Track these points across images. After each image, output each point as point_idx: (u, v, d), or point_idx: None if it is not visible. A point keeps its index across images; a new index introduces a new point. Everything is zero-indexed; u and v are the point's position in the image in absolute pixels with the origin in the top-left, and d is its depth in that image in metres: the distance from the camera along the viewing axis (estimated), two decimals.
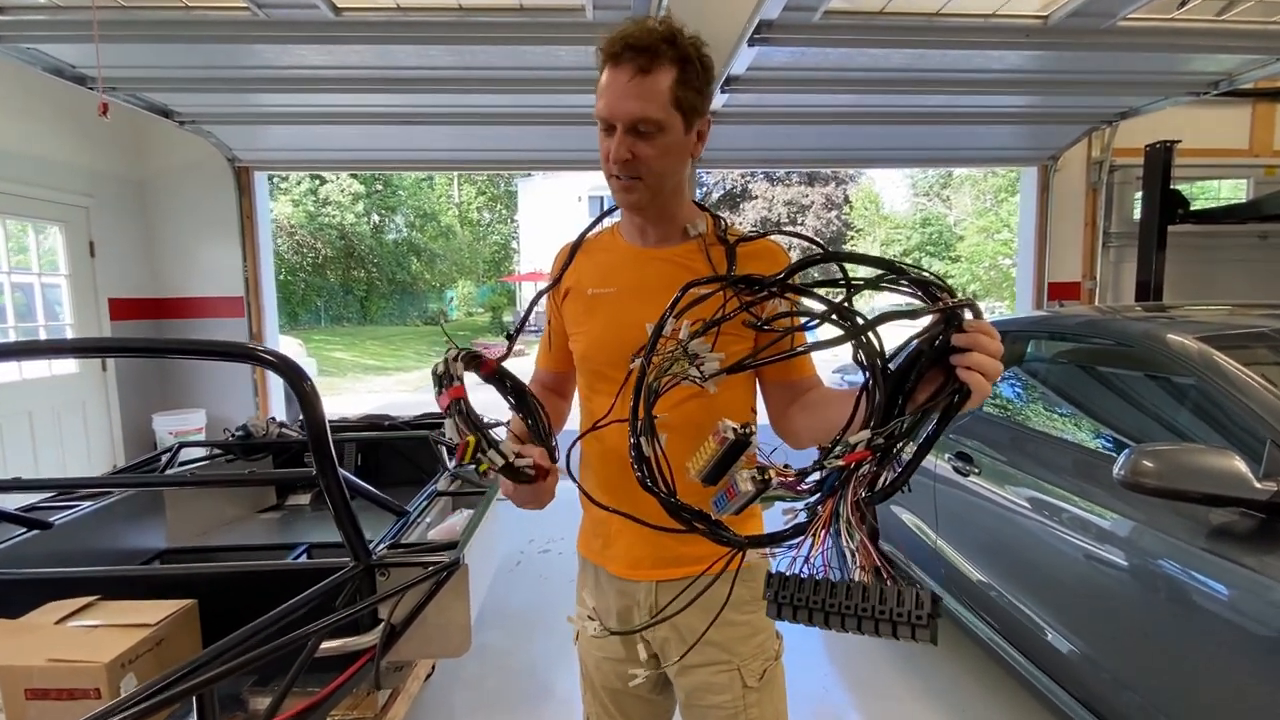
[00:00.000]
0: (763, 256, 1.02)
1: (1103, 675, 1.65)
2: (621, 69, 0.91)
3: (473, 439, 0.78)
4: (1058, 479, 1.87)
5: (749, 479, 0.64)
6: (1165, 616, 1.50)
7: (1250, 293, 5.09)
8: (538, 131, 4.35)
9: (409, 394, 11.82)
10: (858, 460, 0.64)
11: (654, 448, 0.70)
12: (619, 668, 1.11)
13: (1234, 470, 1.34)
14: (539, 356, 1.22)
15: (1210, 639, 1.37)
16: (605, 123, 0.94)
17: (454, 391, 0.80)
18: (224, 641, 1.24)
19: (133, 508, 2.29)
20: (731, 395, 1.02)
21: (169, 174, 4.65)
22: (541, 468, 0.88)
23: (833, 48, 2.99)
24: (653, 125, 0.92)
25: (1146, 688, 1.53)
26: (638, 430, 0.70)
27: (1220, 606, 1.36)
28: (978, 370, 0.64)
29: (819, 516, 0.66)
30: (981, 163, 5.91)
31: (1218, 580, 1.36)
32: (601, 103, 0.93)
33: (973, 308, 0.65)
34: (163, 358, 4.59)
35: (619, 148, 0.93)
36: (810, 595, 0.63)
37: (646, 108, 0.91)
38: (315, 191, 20.55)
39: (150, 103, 3.76)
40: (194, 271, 4.77)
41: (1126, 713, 1.58)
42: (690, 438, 0.83)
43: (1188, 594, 1.43)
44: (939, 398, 0.66)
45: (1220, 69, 3.47)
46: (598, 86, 0.96)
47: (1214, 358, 1.65)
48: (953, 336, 0.65)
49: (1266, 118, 5.06)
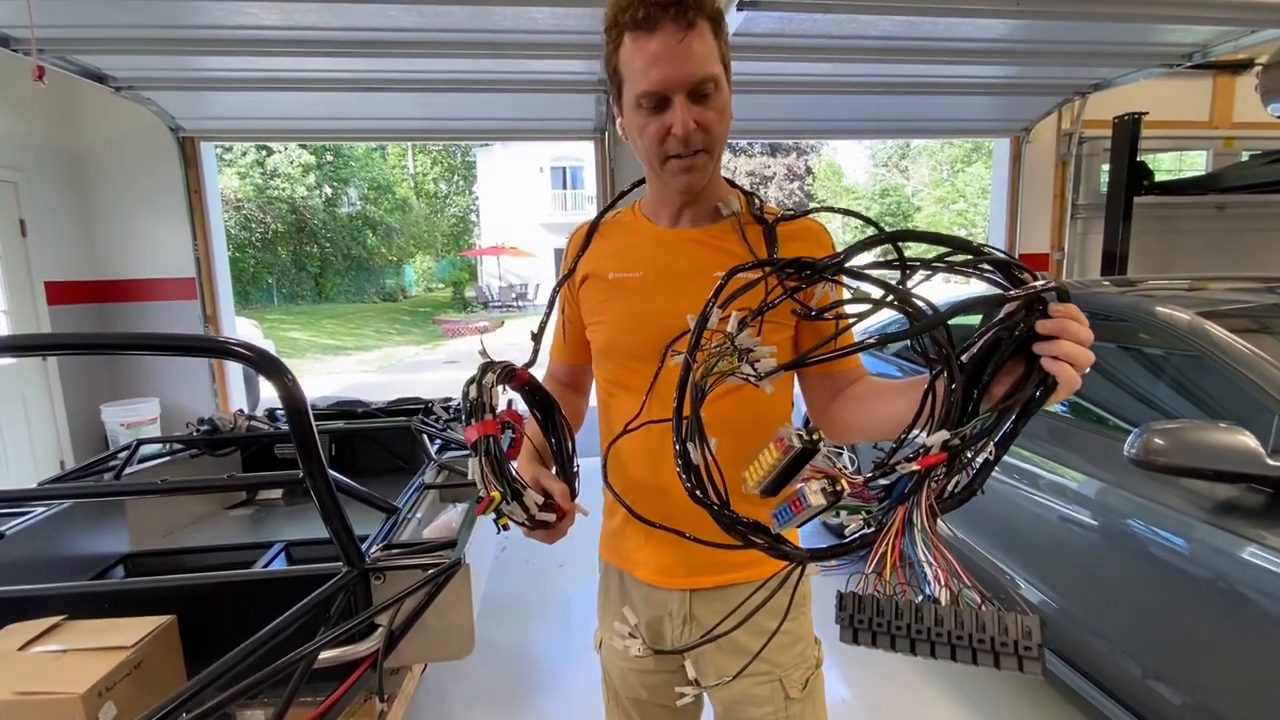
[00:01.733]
0: (805, 237, 0.93)
1: (1110, 648, 1.68)
2: (663, 31, 0.80)
3: (497, 495, 0.71)
4: (1071, 457, 1.89)
5: (819, 491, 0.56)
6: (1152, 583, 1.53)
7: (1209, 263, 5.27)
8: (505, 100, 4.15)
9: (373, 374, 11.49)
10: (932, 464, 0.57)
11: (704, 453, 0.62)
12: (647, 679, 1.04)
13: (1246, 447, 1.34)
14: (553, 348, 1.11)
15: (1211, 610, 1.39)
16: (657, 97, 0.83)
17: (485, 426, 0.72)
18: (215, 667, 1.14)
19: (91, 511, 2.12)
20: (773, 390, 0.95)
21: (107, 145, 4.29)
22: (560, 509, 0.81)
23: (821, 13, 2.89)
24: (713, 84, 0.83)
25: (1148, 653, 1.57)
26: (684, 434, 0.62)
27: (1216, 575, 1.38)
28: (1067, 360, 0.57)
29: (889, 526, 0.59)
30: (957, 133, 5.93)
31: (1220, 552, 1.38)
32: (651, 75, 0.81)
33: (1061, 291, 0.58)
34: (130, 354, 4.29)
35: (686, 120, 0.82)
36: (892, 619, 0.56)
37: (707, 65, 0.82)
38: (262, 163, 19.59)
39: (82, 66, 3.43)
40: (139, 251, 4.44)
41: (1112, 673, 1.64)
42: (729, 440, 0.75)
43: (1184, 564, 1.45)
44: (1021, 391, 0.59)
45: (1195, 40, 3.51)
46: (621, 60, 0.85)
47: (1225, 337, 1.65)
48: (1038, 323, 0.58)
49: (1227, 90, 5.19)
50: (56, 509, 1.98)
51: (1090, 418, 2.00)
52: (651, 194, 1.00)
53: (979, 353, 0.61)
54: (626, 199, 1.06)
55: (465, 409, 0.73)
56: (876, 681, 2.28)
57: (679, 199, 0.94)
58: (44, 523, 1.94)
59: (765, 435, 0.63)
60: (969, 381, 0.61)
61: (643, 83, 0.83)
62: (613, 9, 0.84)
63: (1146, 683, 1.53)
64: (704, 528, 0.64)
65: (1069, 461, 1.85)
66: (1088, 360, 0.58)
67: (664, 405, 0.65)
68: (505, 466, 0.74)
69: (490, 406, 0.73)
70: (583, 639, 2.55)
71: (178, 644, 1.43)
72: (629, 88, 0.85)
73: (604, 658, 1.11)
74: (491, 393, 0.74)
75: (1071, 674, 1.73)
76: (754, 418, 0.91)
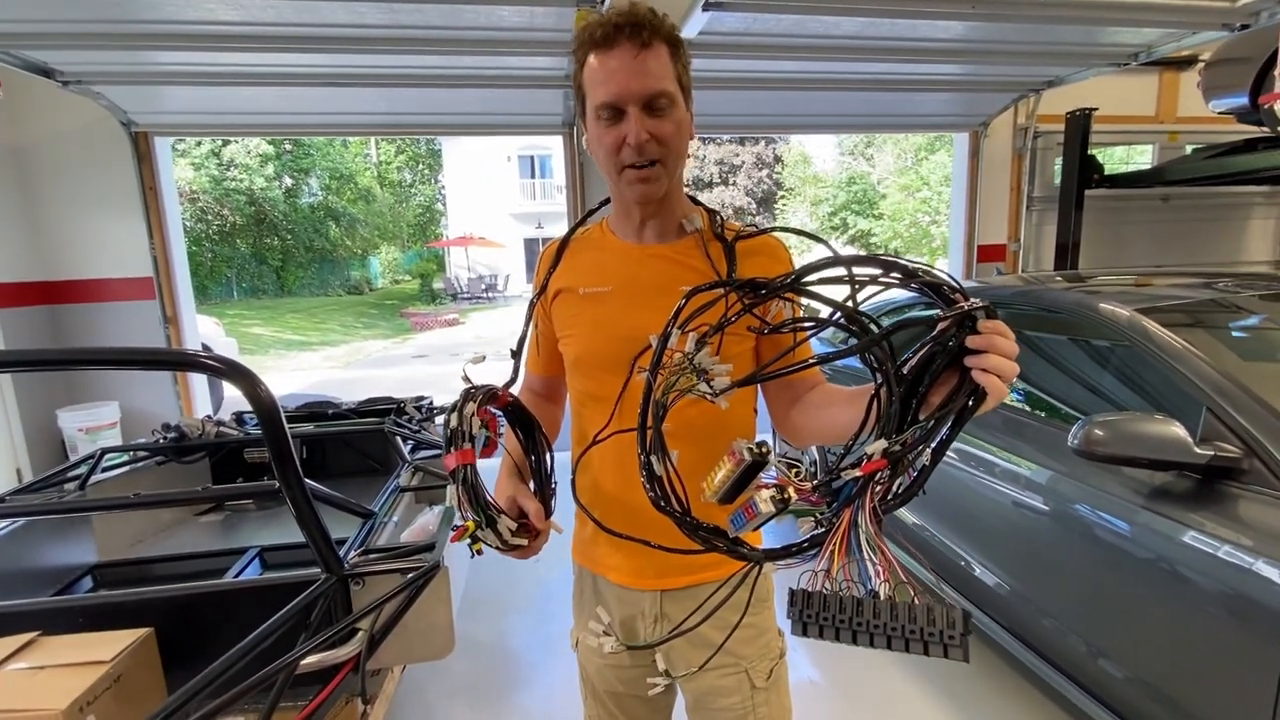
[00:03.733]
0: (763, 253, 0.99)
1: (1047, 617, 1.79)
2: (620, 49, 0.87)
3: (471, 525, 0.76)
4: (1024, 446, 1.99)
5: (769, 499, 0.62)
6: (1097, 566, 1.64)
7: (1155, 251, 5.51)
8: (473, 95, 4.12)
9: (340, 370, 11.29)
10: (875, 470, 0.63)
11: (666, 466, 0.68)
12: (622, 673, 1.10)
13: (1176, 437, 1.45)
14: (528, 360, 1.14)
15: (1150, 590, 1.50)
16: (613, 108, 0.89)
17: (462, 455, 0.76)
18: (200, 678, 1.15)
19: (57, 522, 2.08)
20: (734, 399, 1.00)
21: (53, 141, 4.12)
22: (534, 530, 0.87)
23: (786, 14, 2.94)
24: (667, 99, 0.89)
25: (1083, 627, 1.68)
26: (647, 448, 0.68)
27: (1156, 556, 1.48)
28: (994, 372, 0.63)
29: (836, 528, 0.65)
30: (918, 128, 6.06)
31: (1158, 534, 1.48)
32: (608, 88, 0.88)
33: (988, 310, 0.65)
34: (92, 369, 4.15)
35: (639, 130, 0.88)
36: (836, 613, 0.62)
37: (660, 80, 0.88)
38: (218, 153, 18.96)
39: (27, 60, 3.30)
40: (91, 251, 4.29)
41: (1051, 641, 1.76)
42: (694, 446, 0.82)
43: (1126, 546, 1.55)
44: (954, 401, 0.65)
45: (1142, 41, 3.65)
46: (585, 77, 0.91)
47: (1160, 333, 1.75)
48: (967, 339, 0.64)
49: (1172, 86, 5.40)
50: (19, 520, 1.94)
51: (1042, 408, 2.11)
52: (615, 209, 1.04)
53: (916, 365, 0.66)
54: (596, 215, 1.09)
55: (445, 437, 0.77)
56: (844, 663, 2.38)
57: (639, 211, 0.98)
58: (7, 536, 1.90)
59: (729, 440, 0.69)
60: (908, 391, 0.66)
61: (600, 94, 0.88)
62: (579, 34, 0.90)
63: (1092, 659, 1.64)
64: (672, 532, 0.70)
65: (1021, 451, 1.96)
66: (1012, 372, 0.64)
67: (633, 417, 0.70)
68: (482, 494, 0.78)
69: (469, 435, 0.77)
70: (559, 630, 2.59)
71: (157, 657, 1.43)
72: (589, 100, 0.91)
73: (580, 655, 1.16)
74: (471, 421, 0.77)
75: (1025, 651, 1.84)
76: (718, 425, 0.96)
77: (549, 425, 1.12)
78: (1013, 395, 2.20)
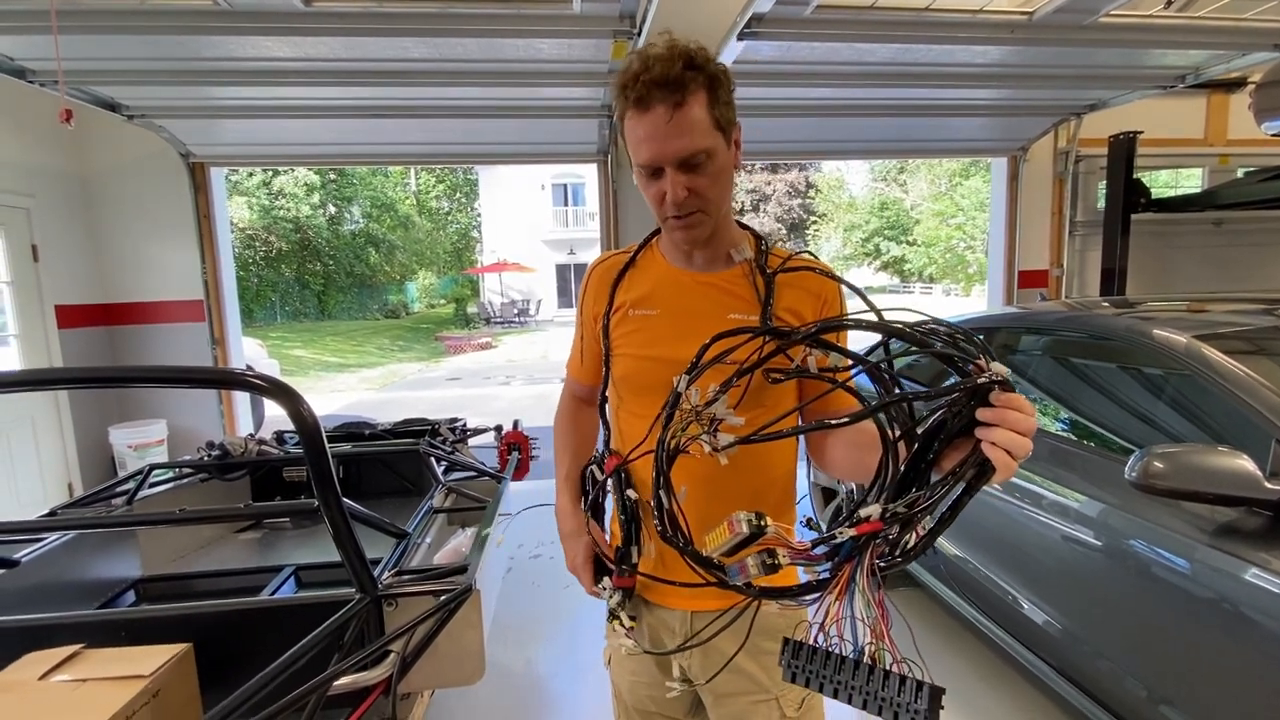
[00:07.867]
0: (800, 285, 1.00)
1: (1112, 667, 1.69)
2: (654, 111, 0.87)
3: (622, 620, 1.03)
4: (1072, 478, 1.91)
5: (757, 564, 0.66)
6: (1155, 606, 1.54)
7: (1207, 278, 5.30)
8: (511, 125, 4.23)
9: (376, 392, 11.52)
10: (869, 532, 0.64)
11: (673, 503, 0.74)
12: (652, 690, 1.10)
13: (1245, 470, 1.37)
14: (571, 365, 1.19)
15: (1215, 632, 1.41)
16: (650, 168, 0.91)
17: (621, 581, 1.01)
18: (235, 696, 1.16)
19: (104, 536, 2.14)
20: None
21: (116, 171, 4.36)
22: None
23: (821, 41, 2.96)
24: (702, 155, 0.89)
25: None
26: (659, 485, 0.74)
27: (1219, 597, 1.39)
28: (1004, 447, 0.61)
29: (834, 584, 0.67)
30: (954, 153, 6.01)
31: (1223, 574, 1.39)
32: (644, 151, 0.89)
33: (1004, 384, 0.62)
34: (144, 387, 4.32)
35: (675, 188, 0.90)
36: (820, 668, 0.66)
37: (695, 141, 0.88)
38: (268, 184, 19.81)
39: (96, 96, 3.51)
40: (147, 274, 4.50)
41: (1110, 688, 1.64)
42: (728, 472, 0.81)
43: (1186, 586, 1.46)
44: (965, 467, 0.64)
45: (1189, 63, 3.57)
46: (625, 128, 0.92)
47: (1221, 360, 1.68)
48: (977, 412, 0.63)
49: (1221, 108, 5.25)
50: (70, 535, 2.00)
51: (1091, 438, 2.02)
52: (665, 237, 1.07)
53: (930, 429, 0.66)
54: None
55: (615, 557, 1.01)
56: None
57: (686, 245, 1.01)
58: (58, 549, 1.96)
59: (764, 467, 0.84)
60: (919, 453, 0.67)
61: (637, 156, 0.91)
62: (619, 80, 0.90)
63: (1152, 705, 1.54)
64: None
65: (1070, 482, 1.87)
66: (1024, 449, 0.62)
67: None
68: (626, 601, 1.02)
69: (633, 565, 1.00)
70: (588, 659, 2.55)
71: (194, 672, 1.44)
72: (631, 154, 0.94)
73: (613, 672, 1.17)
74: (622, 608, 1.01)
75: (1079, 696, 1.74)
76: (754, 452, 0.95)
77: (590, 428, 1.18)
78: (1058, 425, 2.13)
